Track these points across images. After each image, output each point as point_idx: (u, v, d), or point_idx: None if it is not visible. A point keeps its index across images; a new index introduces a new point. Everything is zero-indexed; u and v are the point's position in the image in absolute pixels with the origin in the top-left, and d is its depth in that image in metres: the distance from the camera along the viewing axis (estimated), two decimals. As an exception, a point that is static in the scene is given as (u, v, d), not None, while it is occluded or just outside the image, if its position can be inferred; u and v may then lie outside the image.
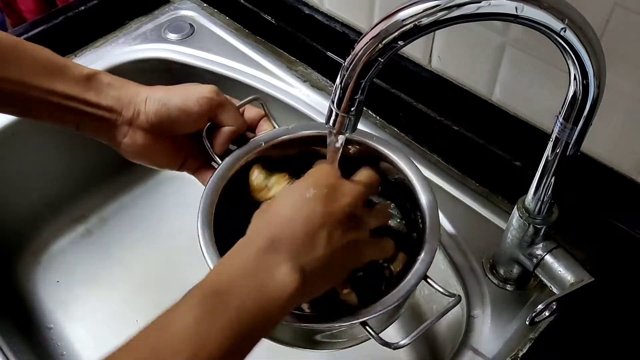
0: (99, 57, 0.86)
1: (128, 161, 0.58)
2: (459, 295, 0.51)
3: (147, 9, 0.94)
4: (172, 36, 0.89)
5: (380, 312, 0.49)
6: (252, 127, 0.60)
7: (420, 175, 0.56)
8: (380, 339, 0.49)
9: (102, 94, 0.54)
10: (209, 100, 0.55)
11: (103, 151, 0.60)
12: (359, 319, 0.48)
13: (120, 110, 0.54)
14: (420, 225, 0.54)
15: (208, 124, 0.56)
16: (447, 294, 0.51)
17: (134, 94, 0.55)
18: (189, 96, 0.55)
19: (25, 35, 0.84)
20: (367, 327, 0.49)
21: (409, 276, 0.50)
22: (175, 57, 0.87)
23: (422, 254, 0.51)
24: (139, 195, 0.92)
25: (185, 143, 0.58)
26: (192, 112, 0.54)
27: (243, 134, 0.58)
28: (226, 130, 0.56)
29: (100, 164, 0.89)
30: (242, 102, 0.59)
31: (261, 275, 0.42)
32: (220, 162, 0.56)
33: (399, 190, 0.58)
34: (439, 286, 0.52)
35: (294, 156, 0.59)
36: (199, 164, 0.59)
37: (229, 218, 0.53)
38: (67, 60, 0.55)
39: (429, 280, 0.52)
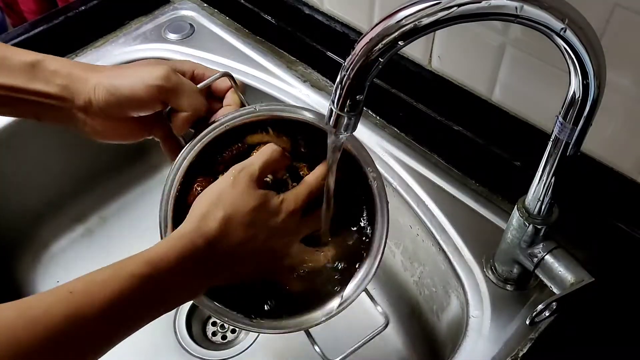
0: (99, 57, 0.86)
1: (128, 161, 0.58)
2: (386, 321, 0.54)
3: (147, 9, 0.94)
4: (172, 36, 0.89)
5: (323, 321, 0.53)
6: (219, 95, 0.58)
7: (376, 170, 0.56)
8: (319, 351, 0.52)
9: (50, 83, 0.52)
10: (159, 88, 0.52)
11: (103, 151, 0.60)
12: (302, 327, 0.53)
13: (71, 99, 0.52)
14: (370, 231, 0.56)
15: (169, 107, 0.54)
16: (380, 312, 0.54)
17: (82, 81, 0.52)
18: (137, 83, 0.52)
19: (25, 35, 0.84)
20: (310, 337, 0.53)
21: (352, 286, 0.54)
22: (175, 57, 0.87)
23: (365, 265, 0.55)
24: (139, 195, 0.92)
25: (146, 119, 0.55)
26: (141, 100, 0.52)
27: (204, 114, 0.56)
28: (182, 115, 0.54)
29: (100, 164, 0.89)
30: (206, 81, 0.56)
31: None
32: (182, 141, 0.55)
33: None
34: (377, 304, 0.55)
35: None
36: (166, 132, 0.57)
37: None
38: (11, 48, 0.53)
39: (369, 293, 0.55)
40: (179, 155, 0.54)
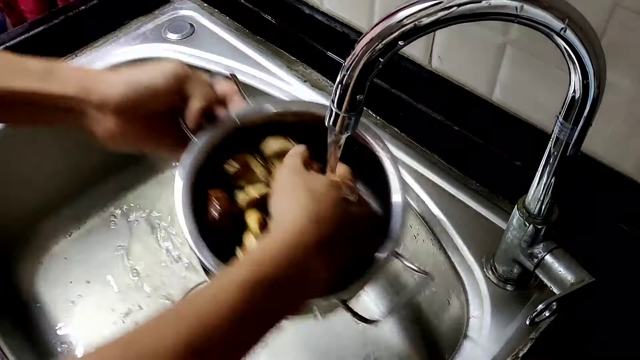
0: (99, 57, 0.86)
1: (127, 162, 0.58)
2: (431, 275, 0.52)
3: (147, 8, 0.94)
4: (172, 36, 0.89)
5: (359, 289, 0.51)
6: (224, 100, 0.58)
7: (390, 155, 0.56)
8: (360, 316, 0.50)
9: (65, 84, 0.52)
10: (176, 75, 0.54)
11: (103, 151, 0.60)
12: (339, 298, 0.50)
13: (86, 98, 0.53)
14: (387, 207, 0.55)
15: (181, 105, 0.55)
16: (419, 271, 0.52)
17: (98, 79, 0.53)
18: (155, 74, 0.54)
19: (25, 35, 0.84)
20: (347, 305, 0.50)
21: (381, 253, 0.51)
22: (175, 57, 0.87)
23: (391, 231, 0.52)
24: (139, 196, 0.92)
25: (159, 124, 0.56)
26: (159, 89, 0.53)
27: (214, 108, 0.57)
28: (196, 106, 0.55)
29: (100, 164, 0.89)
30: (213, 78, 0.58)
31: (307, 274, 0.44)
32: (195, 138, 0.55)
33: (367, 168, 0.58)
34: (410, 263, 0.53)
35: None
36: (174, 143, 0.57)
37: (203, 200, 0.54)
38: (25, 57, 0.54)
39: (400, 257, 0.53)
40: (188, 153, 0.54)
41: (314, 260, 0.44)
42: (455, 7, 0.38)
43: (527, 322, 0.58)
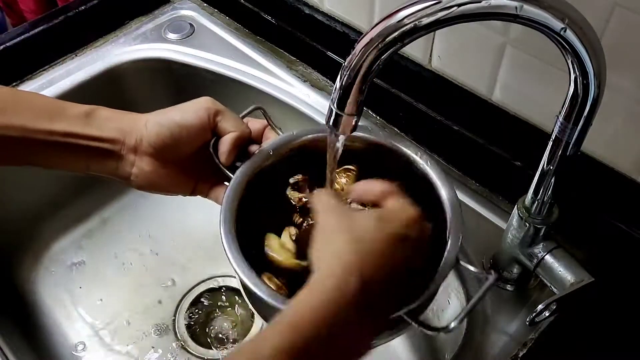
0: (99, 57, 0.86)
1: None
2: (495, 274, 0.47)
3: (147, 9, 0.94)
4: (172, 36, 0.90)
5: (421, 301, 0.47)
6: (258, 139, 0.59)
7: (438, 169, 0.55)
8: (428, 326, 0.46)
9: (103, 127, 0.54)
10: (207, 110, 0.55)
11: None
12: (400, 311, 0.46)
13: (122, 140, 0.54)
14: (442, 215, 0.53)
15: (214, 138, 0.56)
16: (483, 273, 0.48)
17: (134, 122, 0.54)
18: (186, 111, 0.55)
19: (25, 35, 0.84)
20: (408, 319, 0.46)
21: (442, 262, 0.49)
22: (175, 57, 0.87)
23: (450, 240, 0.50)
24: (139, 196, 0.92)
25: (193, 165, 0.57)
26: (192, 126, 0.54)
27: (247, 145, 0.57)
28: (229, 137, 0.55)
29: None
30: (243, 113, 0.58)
31: (350, 330, 0.40)
32: (230, 173, 0.55)
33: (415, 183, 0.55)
34: (473, 267, 0.49)
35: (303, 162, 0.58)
36: (210, 185, 0.58)
37: (250, 230, 0.53)
38: (65, 101, 0.55)
39: (461, 263, 0.49)
40: (228, 190, 0.54)
41: (355, 315, 0.40)
42: (455, 7, 0.38)
43: (527, 322, 0.58)
